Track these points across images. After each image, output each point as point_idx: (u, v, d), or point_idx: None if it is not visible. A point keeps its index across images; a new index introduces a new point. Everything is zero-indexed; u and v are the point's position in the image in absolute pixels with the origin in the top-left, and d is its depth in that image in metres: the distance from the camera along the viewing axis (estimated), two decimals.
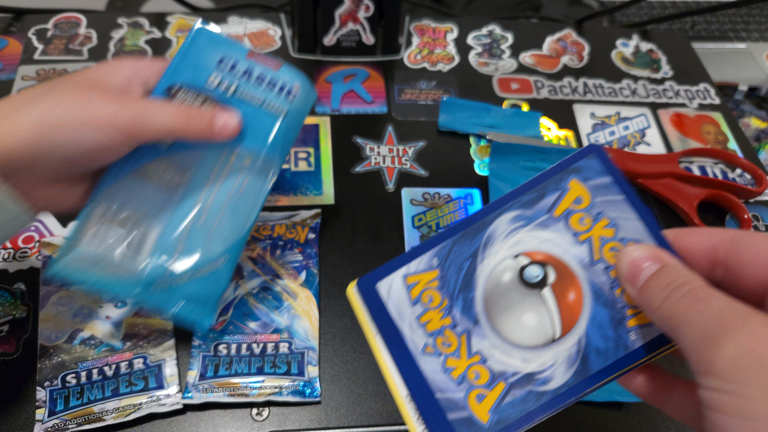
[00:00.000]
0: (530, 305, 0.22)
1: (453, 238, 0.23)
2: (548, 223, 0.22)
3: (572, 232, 0.22)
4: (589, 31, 0.62)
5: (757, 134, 0.60)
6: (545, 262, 0.22)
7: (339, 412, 0.35)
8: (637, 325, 0.21)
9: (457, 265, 0.23)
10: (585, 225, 0.22)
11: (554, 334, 0.21)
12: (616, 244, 0.22)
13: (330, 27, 0.54)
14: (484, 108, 0.52)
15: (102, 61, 0.29)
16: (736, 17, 0.76)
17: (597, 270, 0.22)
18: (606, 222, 0.22)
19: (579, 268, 0.22)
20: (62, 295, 0.37)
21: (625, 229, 0.22)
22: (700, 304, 0.18)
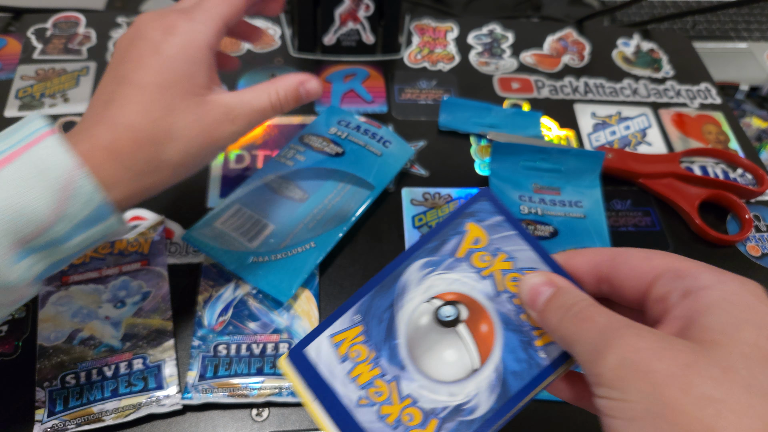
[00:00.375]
0: (449, 343, 0.24)
1: (371, 293, 0.25)
2: (453, 265, 0.25)
3: (476, 270, 0.24)
4: (589, 30, 0.62)
5: (759, 134, 0.60)
6: (456, 301, 0.24)
7: None
8: (544, 344, 0.23)
9: (378, 317, 0.24)
10: (486, 261, 0.25)
11: (474, 365, 0.23)
12: (516, 275, 0.24)
13: (330, 26, 0.53)
14: (484, 107, 0.51)
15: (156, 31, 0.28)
16: (737, 17, 0.76)
17: (502, 300, 0.24)
18: (504, 256, 0.24)
19: (486, 301, 0.24)
20: (61, 296, 0.37)
21: (521, 260, 0.24)
22: (587, 323, 0.20)
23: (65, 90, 0.50)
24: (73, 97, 0.50)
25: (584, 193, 0.45)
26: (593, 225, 0.43)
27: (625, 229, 0.45)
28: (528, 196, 0.44)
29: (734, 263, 0.43)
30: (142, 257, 0.39)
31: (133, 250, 0.40)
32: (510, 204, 0.44)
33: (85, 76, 0.52)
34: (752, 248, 0.44)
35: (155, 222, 0.41)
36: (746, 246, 0.44)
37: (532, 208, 0.43)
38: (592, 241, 0.42)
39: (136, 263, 0.39)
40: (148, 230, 0.41)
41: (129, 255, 0.39)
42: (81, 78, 0.52)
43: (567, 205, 0.44)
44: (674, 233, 0.45)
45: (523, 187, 0.45)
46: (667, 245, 0.44)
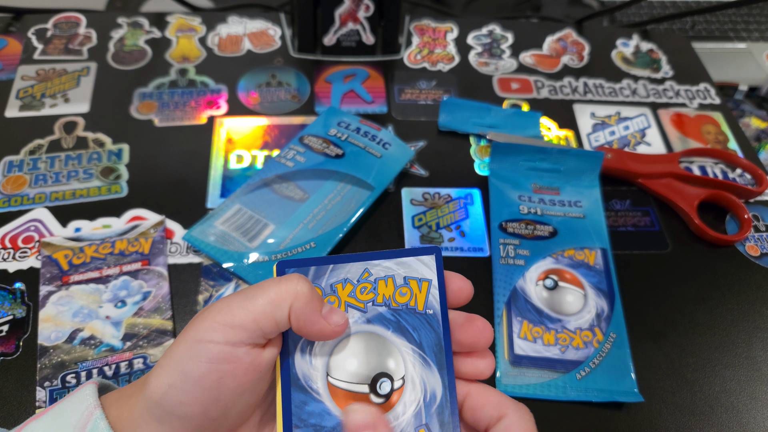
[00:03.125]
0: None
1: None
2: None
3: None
4: (589, 30, 0.62)
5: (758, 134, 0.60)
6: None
7: None
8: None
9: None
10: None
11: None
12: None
13: (330, 27, 0.53)
14: (484, 108, 0.52)
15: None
16: (736, 17, 0.76)
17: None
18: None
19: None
20: (62, 295, 0.37)
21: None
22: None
23: (66, 90, 0.51)
24: (74, 98, 0.50)
25: (583, 193, 0.45)
26: (592, 225, 0.43)
27: (624, 229, 0.45)
28: (527, 196, 0.44)
29: (733, 263, 0.43)
30: (143, 257, 0.39)
31: (134, 250, 0.40)
32: (509, 204, 0.44)
33: (85, 76, 0.52)
34: (751, 248, 0.44)
35: (156, 222, 0.41)
36: (745, 246, 0.44)
37: (532, 207, 0.44)
38: (592, 241, 0.42)
39: (136, 263, 0.39)
40: (149, 230, 0.41)
41: (129, 255, 0.39)
42: (81, 78, 0.52)
43: (566, 204, 0.44)
44: (673, 233, 0.45)
45: (523, 187, 0.45)
46: (666, 245, 0.44)
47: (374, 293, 0.24)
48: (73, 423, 0.22)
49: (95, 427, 0.22)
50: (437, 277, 0.25)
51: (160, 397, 0.22)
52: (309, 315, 0.22)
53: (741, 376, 0.37)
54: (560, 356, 0.37)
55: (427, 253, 0.25)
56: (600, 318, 0.38)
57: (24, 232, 0.41)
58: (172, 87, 0.52)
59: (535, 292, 0.39)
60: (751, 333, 0.39)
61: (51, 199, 0.43)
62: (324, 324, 0.22)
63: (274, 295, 0.22)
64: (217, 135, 0.48)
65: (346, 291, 0.24)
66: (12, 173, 0.44)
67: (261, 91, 0.52)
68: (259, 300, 0.22)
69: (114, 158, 0.46)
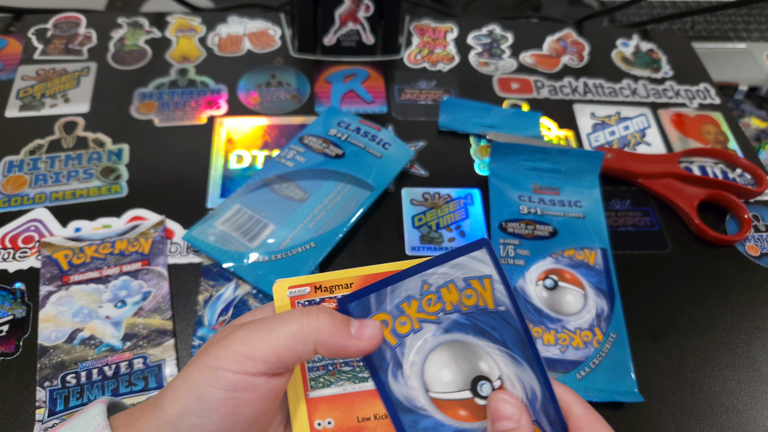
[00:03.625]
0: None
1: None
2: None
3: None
4: (589, 30, 0.62)
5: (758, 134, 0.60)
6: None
7: None
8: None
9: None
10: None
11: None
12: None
13: (330, 27, 0.53)
14: (484, 108, 0.52)
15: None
16: (736, 17, 0.76)
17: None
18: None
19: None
20: (62, 295, 0.37)
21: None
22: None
23: (66, 90, 0.51)
24: (74, 98, 0.50)
25: (583, 193, 0.45)
26: (592, 225, 0.43)
27: (624, 228, 0.45)
28: (527, 196, 0.44)
29: (733, 263, 0.43)
30: (143, 257, 0.39)
31: (134, 250, 0.40)
32: (509, 204, 0.44)
33: (85, 76, 0.52)
34: (751, 248, 0.44)
35: (156, 222, 0.41)
36: (745, 246, 0.44)
37: (532, 207, 0.44)
38: (592, 241, 0.42)
39: (136, 263, 0.39)
40: (149, 230, 0.41)
41: (129, 255, 0.39)
42: (82, 78, 0.52)
43: (566, 204, 0.44)
44: (673, 233, 0.45)
45: (523, 187, 0.45)
46: (666, 245, 0.44)
47: (441, 302, 0.24)
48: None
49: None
50: (496, 270, 0.25)
51: (175, 420, 0.21)
52: (340, 342, 0.22)
53: (741, 376, 0.37)
54: (560, 356, 0.37)
55: (476, 249, 0.25)
56: (600, 318, 0.38)
57: (24, 232, 0.41)
58: (172, 87, 0.52)
59: (535, 292, 0.39)
60: (751, 333, 0.39)
61: (51, 199, 0.43)
62: (359, 343, 0.22)
63: (296, 329, 0.22)
64: (217, 135, 0.48)
65: (413, 308, 0.24)
66: (12, 173, 0.44)
67: (261, 91, 0.52)
68: (282, 333, 0.21)
69: (114, 158, 0.46)
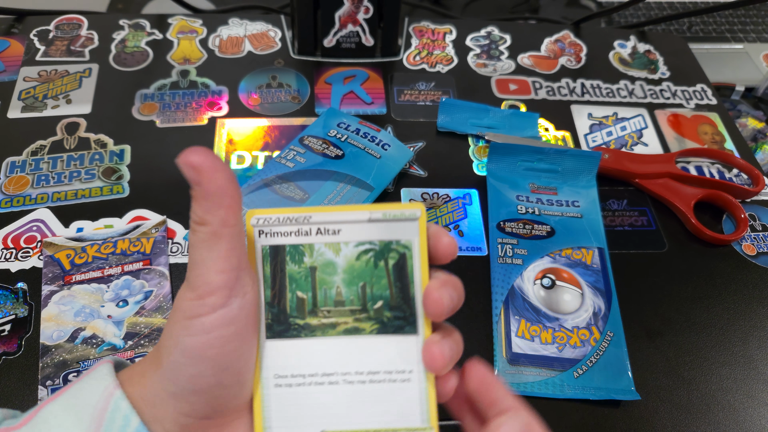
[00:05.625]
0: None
1: None
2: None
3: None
4: (586, 32, 0.62)
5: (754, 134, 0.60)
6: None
7: None
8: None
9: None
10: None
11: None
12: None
13: (330, 29, 0.54)
14: (482, 109, 0.52)
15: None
16: (733, 18, 0.76)
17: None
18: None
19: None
20: (64, 295, 0.38)
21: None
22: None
23: (68, 91, 0.51)
24: (76, 99, 0.50)
25: (581, 193, 0.45)
26: (590, 224, 0.43)
27: (621, 228, 0.45)
28: (525, 196, 0.45)
29: (730, 263, 0.43)
30: (144, 257, 0.40)
31: (135, 250, 0.40)
32: (507, 204, 0.44)
33: (87, 77, 0.52)
34: (747, 247, 0.45)
35: (157, 222, 0.42)
36: (742, 245, 0.45)
37: (529, 207, 0.44)
38: (589, 240, 0.42)
39: (138, 263, 0.39)
40: (150, 230, 0.41)
41: (131, 254, 0.40)
42: (83, 79, 0.52)
43: (564, 204, 0.44)
44: (670, 233, 0.45)
45: (521, 187, 0.46)
46: (663, 245, 0.44)
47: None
48: (92, 404, 0.22)
49: (117, 408, 0.22)
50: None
51: (171, 375, 0.22)
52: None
53: (737, 375, 0.37)
54: (557, 354, 0.37)
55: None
56: (597, 317, 0.39)
57: (26, 233, 0.41)
58: (174, 88, 0.52)
59: (533, 291, 0.40)
60: (748, 332, 0.40)
61: (53, 200, 0.43)
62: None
63: (213, 238, 0.21)
64: (218, 136, 0.49)
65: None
66: (14, 174, 0.45)
67: (261, 92, 0.53)
68: (213, 252, 0.21)
69: (116, 159, 0.46)
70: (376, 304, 0.24)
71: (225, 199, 0.21)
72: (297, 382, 0.23)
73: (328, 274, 0.24)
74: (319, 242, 0.24)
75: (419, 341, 0.23)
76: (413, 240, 0.24)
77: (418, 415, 0.23)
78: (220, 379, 0.22)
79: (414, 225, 0.24)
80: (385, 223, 0.24)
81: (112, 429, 0.21)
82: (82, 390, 0.22)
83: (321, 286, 0.24)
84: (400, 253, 0.23)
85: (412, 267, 0.23)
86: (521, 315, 0.38)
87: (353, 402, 0.23)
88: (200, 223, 0.21)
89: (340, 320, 0.24)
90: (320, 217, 0.24)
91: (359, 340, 0.23)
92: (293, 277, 0.24)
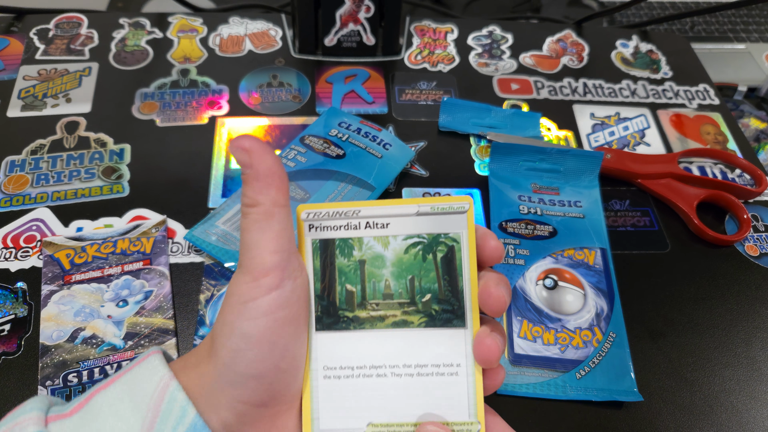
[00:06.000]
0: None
1: None
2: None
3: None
4: (588, 31, 0.62)
5: (757, 134, 0.60)
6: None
7: None
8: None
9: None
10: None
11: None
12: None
13: (331, 28, 0.54)
14: (484, 108, 0.52)
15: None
16: (735, 18, 0.76)
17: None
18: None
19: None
20: (64, 295, 0.37)
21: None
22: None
23: (67, 90, 0.51)
24: (76, 98, 0.50)
25: (583, 193, 0.45)
26: (592, 225, 0.43)
27: (623, 229, 0.45)
28: (527, 196, 0.45)
29: (732, 263, 0.43)
30: (144, 256, 0.40)
31: (135, 250, 0.40)
32: (509, 204, 0.44)
33: (87, 76, 0.52)
34: (750, 248, 0.44)
35: (157, 221, 0.42)
36: (744, 246, 0.44)
37: (531, 208, 0.44)
38: (591, 240, 0.42)
39: (138, 262, 0.39)
40: (151, 230, 0.41)
41: (131, 254, 0.39)
42: (83, 78, 0.52)
43: (566, 205, 0.44)
44: (673, 233, 0.45)
45: (523, 187, 0.45)
46: (665, 245, 0.44)
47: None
48: (148, 394, 0.22)
49: (173, 399, 0.22)
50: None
51: (231, 362, 0.22)
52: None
53: (740, 376, 0.37)
54: (560, 356, 0.37)
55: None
56: (599, 317, 0.38)
57: (26, 232, 0.41)
58: (174, 87, 0.52)
59: (535, 291, 0.39)
60: (751, 333, 0.39)
61: (53, 199, 0.43)
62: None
63: (265, 223, 0.22)
64: (218, 135, 0.49)
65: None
66: (14, 173, 0.44)
67: (262, 91, 0.52)
68: (262, 236, 0.22)
69: (116, 158, 0.46)
70: (425, 297, 0.24)
71: (275, 179, 0.22)
72: (345, 374, 0.24)
73: (377, 267, 0.24)
74: (368, 236, 0.24)
75: (468, 335, 0.23)
76: (462, 233, 0.24)
77: (465, 409, 0.23)
78: (277, 363, 0.22)
79: (462, 218, 0.24)
80: (433, 216, 0.24)
81: (168, 420, 0.21)
82: (136, 380, 0.22)
83: (370, 279, 0.24)
84: (448, 246, 0.24)
85: (460, 260, 0.24)
86: (523, 316, 0.38)
87: (400, 395, 0.23)
88: (252, 205, 0.22)
89: (388, 313, 0.24)
90: (369, 211, 0.24)
91: (407, 333, 0.24)
92: (342, 270, 0.24)
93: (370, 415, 0.23)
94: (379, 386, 0.23)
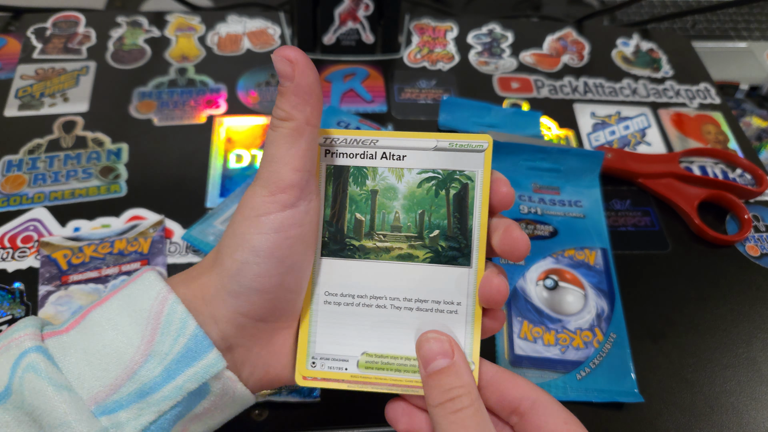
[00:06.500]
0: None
1: None
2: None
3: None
4: (589, 30, 0.62)
5: (758, 134, 0.60)
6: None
7: (339, 411, 0.34)
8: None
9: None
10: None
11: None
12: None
13: (329, 26, 0.53)
14: (484, 107, 0.51)
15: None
16: (737, 16, 0.76)
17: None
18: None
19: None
20: (61, 295, 0.37)
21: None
22: (462, 430, 0.21)
23: (65, 89, 0.50)
24: (73, 97, 0.50)
25: (583, 193, 0.45)
26: (592, 225, 0.43)
27: (624, 228, 0.45)
28: (527, 196, 0.44)
29: (733, 263, 0.43)
30: (142, 257, 0.39)
31: (133, 250, 0.40)
32: None
33: (84, 75, 0.52)
34: (751, 248, 0.44)
35: (155, 222, 0.41)
36: (745, 246, 0.44)
37: (532, 207, 0.43)
38: (592, 240, 0.42)
39: (135, 263, 0.39)
40: (148, 230, 0.41)
41: (129, 254, 0.39)
42: (81, 77, 0.52)
43: (566, 204, 0.44)
44: (673, 233, 0.45)
45: (523, 186, 0.45)
46: (666, 245, 0.44)
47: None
48: (146, 308, 0.22)
49: (172, 312, 0.21)
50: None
51: (237, 273, 0.22)
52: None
53: (741, 377, 0.37)
54: (560, 356, 0.37)
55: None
56: (600, 318, 0.38)
57: (23, 232, 0.41)
58: (172, 86, 0.52)
59: (536, 292, 0.39)
60: (751, 333, 0.39)
61: (50, 199, 0.43)
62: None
63: (291, 141, 0.22)
64: (216, 134, 0.48)
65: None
66: (11, 173, 0.44)
67: (260, 90, 0.52)
68: (283, 152, 0.22)
69: (113, 158, 0.46)
70: (433, 233, 0.24)
71: (312, 97, 0.22)
72: (346, 301, 0.24)
73: (388, 199, 0.24)
74: (383, 166, 0.24)
75: (472, 274, 0.23)
76: (477, 171, 0.23)
77: (461, 348, 0.23)
78: (283, 281, 0.22)
79: (480, 156, 0.23)
80: (451, 152, 0.23)
81: (168, 333, 0.21)
82: (132, 295, 0.22)
83: (380, 210, 0.24)
84: (462, 183, 0.24)
85: (472, 198, 0.23)
86: (524, 316, 0.38)
87: (398, 327, 0.24)
88: (285, 119, 0.22)
89: (394, 245, 0.24)
90: (387, 141, 0.24)
91: (411, 267, 0.24)
92: (354, 198, 0.24)
93: (365, 344, 0.24)
94: (377, 317, 0.24)
